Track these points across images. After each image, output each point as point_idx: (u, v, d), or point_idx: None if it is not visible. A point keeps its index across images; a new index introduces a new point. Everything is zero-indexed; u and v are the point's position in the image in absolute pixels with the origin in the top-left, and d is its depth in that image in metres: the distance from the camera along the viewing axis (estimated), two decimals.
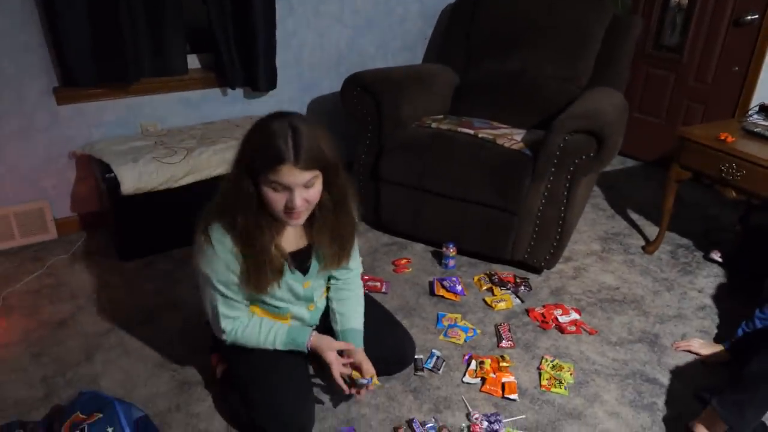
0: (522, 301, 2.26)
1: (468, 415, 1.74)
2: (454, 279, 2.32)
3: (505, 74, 2.80)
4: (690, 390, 1.83)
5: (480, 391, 1.83)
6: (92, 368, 1.86)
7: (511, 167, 2.27)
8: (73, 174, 2.54)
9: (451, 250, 2.41)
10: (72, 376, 1.83)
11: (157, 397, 1.74)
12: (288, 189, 1.29)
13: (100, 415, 1.51)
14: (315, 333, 1.59)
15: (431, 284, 2.32)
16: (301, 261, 1.55)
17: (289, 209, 1.32)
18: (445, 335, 2.05)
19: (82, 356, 1.91)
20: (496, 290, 2.30)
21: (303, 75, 2.98)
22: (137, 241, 2.43)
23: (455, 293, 2.26)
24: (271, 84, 2.76)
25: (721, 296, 2.34)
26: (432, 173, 2.39)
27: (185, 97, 2.67)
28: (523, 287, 2.31)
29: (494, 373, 1.87)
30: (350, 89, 2.54)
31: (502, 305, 2.21)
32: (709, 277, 2.47)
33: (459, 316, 2.15)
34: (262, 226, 1.37)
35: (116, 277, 2.33)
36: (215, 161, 2.40)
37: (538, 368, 1.92)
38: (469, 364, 1.92)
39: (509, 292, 2.29)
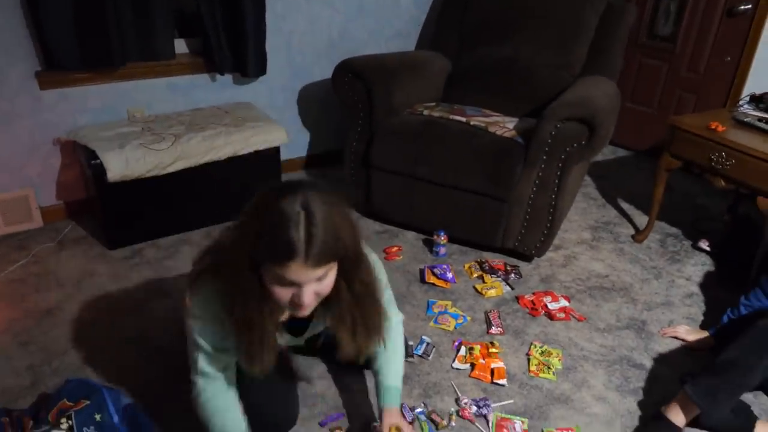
0: (512, 289, 2.26)
1: (457, 400, 1.74)
2: (445, 266, 2.32)
3: (498, 61, 2.79)
4: (676, 375, 1.85)
5: (469, 376, 1.84)
6: (79, 357, 1.84)
7: (502, 155, 2.26)
8: (58, 161, 2.50)
9: (442, 238, 2.41)
10: (59, 364, 1.81)
11: (147, 385, 1.73)
12: (296, 284, 1.09)
13: (88, 402, 1.50)
14: None
15: (422, 272, 2.32)
16: (297, 328, 1.43)
17: (296, 303, 1.13)
18: (436, 322, 2.05)
19: (69, 345, 1.89)
20: (487, 278, 2.31)
21: (294, 61, 2.95)
22: (125, 229, 2.40)
23: (446, 280, 2.26)
24: (261, 70, 2.73)
25: (708, 284, 2.36)
26: (423, 161, 2.38)
27: (173, 83, 2.64)
28: (513, 275, 2.32)
29: (483, 359, 1.88)
30: (341, 75, 2.51)
31: (492, 292, 2.22)
32: (697, 265, 2.49)
33: (449, 303, 2.15)
34: (264, 314, 1.17)
35: (104, 265, 2.31)
36: (204, 148, 2.38)
37: (527, 354, 1.93)
38: (458, 350, 1.92)
39: (499, 279, 2.30)
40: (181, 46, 2.71)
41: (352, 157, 2.60)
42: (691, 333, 2.03)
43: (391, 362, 1.52)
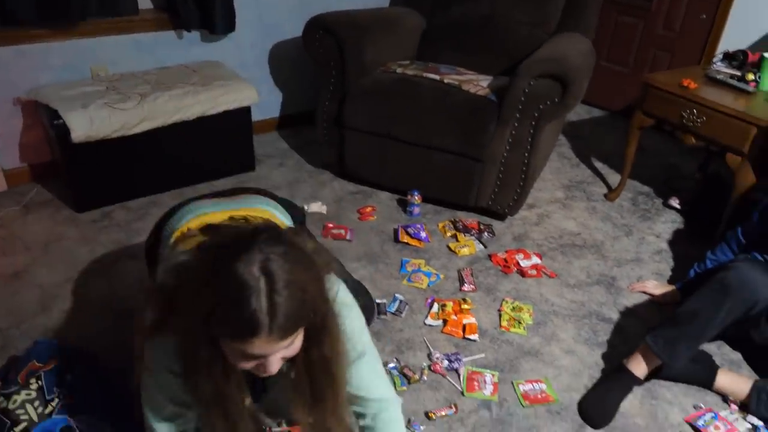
0: (485, 247, 2.28)
1: (429, 355, 1.77)
2: (419, 226, 2.32)
3: (473, 19, 2.74)
4: (643, 329, 1.89)
5: (441, 332, 1.86)
6: (49, 319, 1.82)
7: (476, 113, 2.24)
8: (19, 122, 2.42)
9: (416, 198, 2.40)
10: (28, 327, 1.79)
11: (118, 347, 1.71)
12: (260, 356, 0.93)
13: (57, 363, 1.49)
14: None
15: (396, 231, 2.32)
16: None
17: (261, 371, 0.97)
18: (409, 280, 2.07)
19: (38, 308, 1.87)
20: (460, 236, 2.32)
21: (264, 17, 2.86)
22: (92, 191, 2.35)
23: (419, 240, 2.27)
24: (229, 26, 2.65)
25: (677, 241, 2.40)
26: (397, 119, 2.35)
27: (137, 40, 2.55)
28: (486, 233, 2.33)
29: (455, 315, 1.90)
30: (312, 32, 2.45)
31: (465, 251, 2.23)
32: (667, 223, 2.53)
33: (423, 261, 2.16)
34: (231, 384, 1.00)
35: (72, 228, 2.26)
36: (171, 107, 2.31)
37: (499, 310, 1.96)
38: (431, 307, 1.94)
39: (473, 238, 2.31)
40: (144, 1, 2.61)
41: (324, 117, 2.56)
42: (659, 288, 2.07)
43: None
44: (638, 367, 1.65)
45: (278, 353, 0.93)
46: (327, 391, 1.06)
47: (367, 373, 1.18)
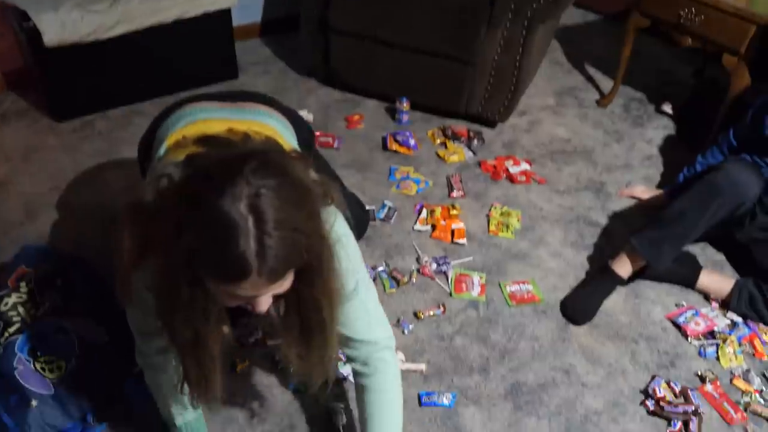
0: (474, 154, 2.25)
1: (418, 259, 1.79)
2: (407, 133, 2.28)
3: None
4: (629, 232, 1.91)
5: (430, 237, 1.88)
6: (36, 227, 1.81)
7: (467, 14, 2.14)
8: None
9: (405, 105, 2.35)
10: (16, 235, 1.78)
11: (109, 253, 1.71)
12: (249, 297, 0.88)
13: (47, 267, 1.49)
14: None
15: (384, 139, 2.28)
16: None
17: (250, 307, 0.92)
18: (398, 187, 2.06)
19: (24, 216, 1.85)
20: (450, 144, 2.29)
21: None
22: (70, 99, 2.26)
23: (408, 147, 2.23)
24: None
25: (668, 147, 2.39)
26: (384, 21, 2.25)
27: None
28: (476, 140, 2.30)
29: (444, 221, 1.91)
30: None
31: (454, 158, 2.21)
32: (659, 129, 2.50)
33: (411, 168, 2.15)
34: (210, 329, 0.94)
35: (52, 137, 2.20)
36: (147, 9, 2.19)
37: (487, 215, 1.97)
38: (420, 213, 1.95)
39: (462, 145, 2.28)
40: None
41: (309, 19, 2.44)
42: (647, 192, 2.08)
43: (381, 407, 1.17)
44: (622, 267, 1.68)
45: (268, 294, 0.88)
46: (316, 330, 1.02)
47: (357, 312, 1.11)
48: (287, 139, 1.21)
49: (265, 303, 0.89)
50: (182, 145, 1.04)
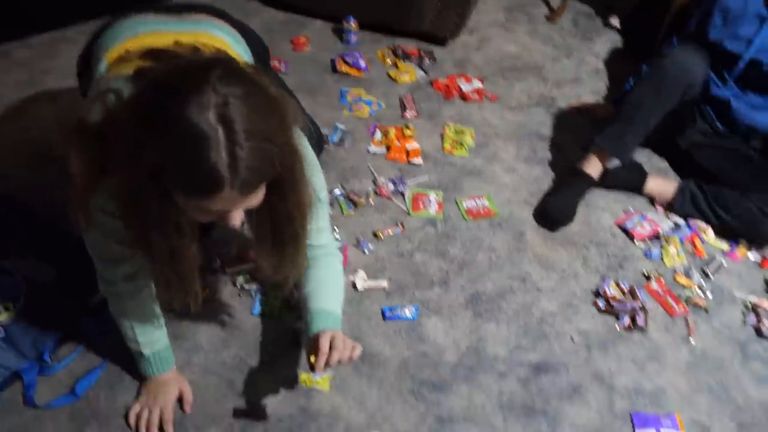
0: (426, 73, 2.21)
1: (374, 181, 1.78)
2: (357, 54, 2.21)
3: None
4: (579, 144, 1.94)
5: (385, 159, 1.86)
6: None
7: None
8: None
9: (352, 24, 2.26)
10: None
11: (40, 189, 1.62)
12: (221, 211, 0.86)
13: None
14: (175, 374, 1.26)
15: (333, 61, 2.20)
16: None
17: (221, 222, 0.89)
18: (350, 110, 2.01)
19: None
20: (400, 64, 2.23)
21: None
22: None
23: (358, 69, 2.17)
24: None
25: (615, 60, 2.41)
26: None
27: None
28: (427, 60, 2.25)
29: (399, 141, 1.89)
30: None
31: (405, 78, 2.16)
32: (607, 42, 2.51)
33: (363, 90, 2.09)
34: (185, 239, 0.91)
35: None
36: None
37: (441, 134, 1.96)
38: (373, 135, 1.92)
39: (413, 65, 2.23)
40: None
41: None
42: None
43: (326, 285, 1.20)
44: (592, 167, 1.73)
45: (240, 207, 0.86)
46: (289, 242, 1.02)
47: (316, 221, 1.12)
48: (239, 53, 1.14)
49: (237, 217, 0.87)
50: (126, 60, 0.96)
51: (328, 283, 1.20)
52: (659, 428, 1.29)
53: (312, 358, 1.04)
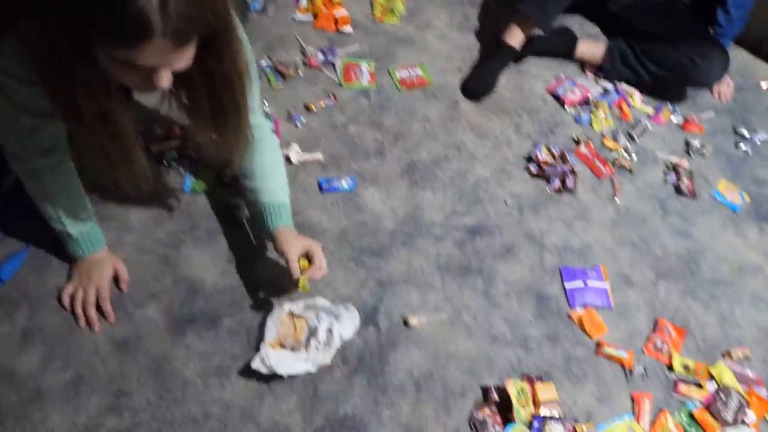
0: None
1: (302, 51, 1.68)
2: None
3: None
4: (511, 9, 1.89)
5: (313, 27, 1.76)
6: None
7: None
8: None
9: None
10: None
11: None
12: (149, 68, 0.77)
13: None
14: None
15: None
16: None
17: (148, 86, 0.81)
18: None
19: None
20: None
21: None
22: None
23: None
24: None
25: None
26: None
27: None
28: None
29: (326, 8, 1.78)
30: None
31: None
32: None
33: None
34: (113, 112, 0.84)
35: None
36: None
37: (371, 0, 1.85)
38: (299, 1, 1.79)
39: None
40: None
41: None
42: None
43: (272, 176, 1.17)
44: (513, 38, 1.70)
45: (172, 64, 0.78)
46: (230, 111, 0.96)
47: (256, 96, 1.10)
48: None
49: (166, 78, 0.79)
50: None
51: (274, 171, 1.18)
52: (585, 279, 1.38)
53: (303, 276, 1.10)
